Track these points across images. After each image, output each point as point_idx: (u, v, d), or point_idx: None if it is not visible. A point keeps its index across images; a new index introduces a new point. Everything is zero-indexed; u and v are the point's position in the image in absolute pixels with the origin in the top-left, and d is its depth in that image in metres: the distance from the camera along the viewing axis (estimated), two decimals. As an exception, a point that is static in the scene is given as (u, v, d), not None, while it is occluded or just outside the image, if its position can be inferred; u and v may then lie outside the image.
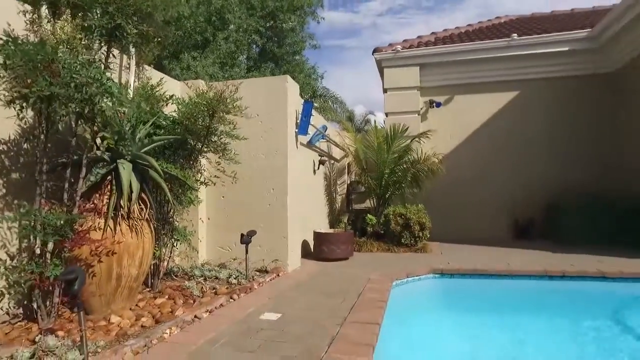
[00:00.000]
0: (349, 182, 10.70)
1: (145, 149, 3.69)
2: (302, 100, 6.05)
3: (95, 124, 3.34)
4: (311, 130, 6.63)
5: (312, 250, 6.76)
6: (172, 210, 4.40)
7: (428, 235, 7.38)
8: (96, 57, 3.36)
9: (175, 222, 4.58)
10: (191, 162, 4.55)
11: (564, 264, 5.73)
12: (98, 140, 3.53)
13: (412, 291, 5.09)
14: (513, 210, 8.99)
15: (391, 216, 7.41)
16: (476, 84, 9.39)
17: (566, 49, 8.79)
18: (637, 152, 7.82)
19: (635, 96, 7.81)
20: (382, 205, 8.30)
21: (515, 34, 8.94)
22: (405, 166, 8.22)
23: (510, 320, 4.31)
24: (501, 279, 5.43)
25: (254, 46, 14.53)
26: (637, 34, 7.53)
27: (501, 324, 4.17)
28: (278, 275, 5.28)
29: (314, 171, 7.64)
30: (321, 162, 7.85)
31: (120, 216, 3.43)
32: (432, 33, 10.75)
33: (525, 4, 42.02)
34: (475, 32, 10.75)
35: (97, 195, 3.43)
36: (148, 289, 4.26)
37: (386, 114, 9.47)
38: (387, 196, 8.36)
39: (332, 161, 9.52)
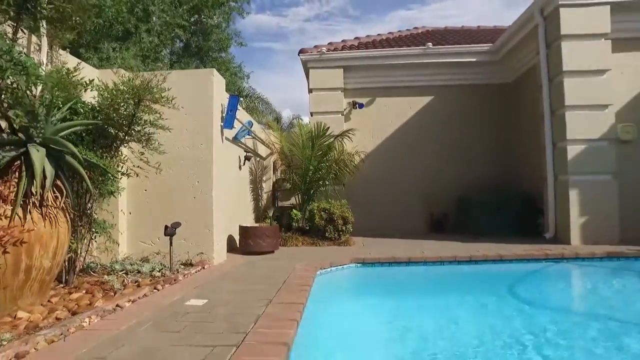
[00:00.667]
0: (274, 179, 10.82)
1: (62, 133, 3.51)
2: (228, 95, 6.07)
3: (3, 102, 3.12)
4: (237, 125, 6.66)
5: (238, 245, 6.77)
6: (91, 201, 4.21)
7: (351, 229, 7.74)
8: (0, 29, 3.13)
9: (94, 214, 4.38)
10: (112, 152, 4.39)
11: (472, 250, 6.35)
12: (4, 122, 3.30)
13: (335, 278, 5.34)
14: (429, 205, 9.72)
15: (315, 211, 7.65)
16: (396, 88, 10.02)
17: (473, 59, 9.72)
18: (526, 154, 8.85)
19: (526, 104, 8.85)
20: (307, 202, 8.53)
21: (430, 43, 9.71)
22: (328, 163, 8.52)
23: (424, 299, 4.72)
24: (417, 266, 5.89)
25: (178, 41, 14.10)
26: (526, 51, 8.57)
27: (415, 302, 4.54)
28: (203, 267, 5.24)
29: (240, 167, 7.66)
30: (247, 158, 7.89)
31: (31, 204, 3.23)
32: (356, 38, 11.27)
33: (442, 20, 45.30)
34: (395, 39, 11.45)
35: (2, 181, 3.20)
36: (62, 285, 4.03)
37: (311, 114, 9.74)
38: (311, 192, 8.60)
39: (258, 158, 9.58)
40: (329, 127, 8.60)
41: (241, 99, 12.27)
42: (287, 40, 46.08)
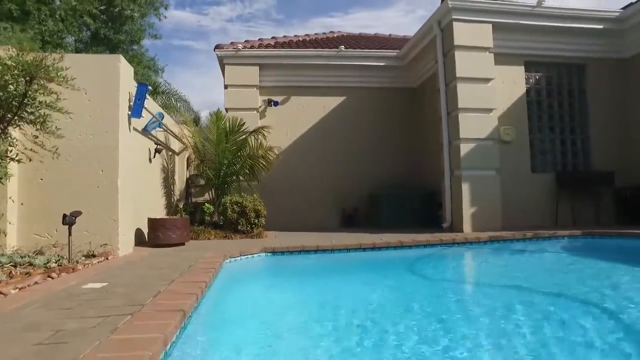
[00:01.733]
0: (188, 175, 10.62)
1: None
2: (136, 83, 5.93)
3: None
4: (147, 116, 6.51)
5: (147, 237, 6.59)
6: (-28, 185, 3.90)
7: (264, 222, 7.89)
8: None
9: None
10: (-1, 134, 4.09)
11: (376, 239, 6.82)
12: None
13: (244, 265, 5.46)
14: (341, 201, 10.19)
15: (228, 204, 7.69)
16: (310, 87, 10.39)
17: (382, 64, 10.42)
18: (429, 152, 9.68)
19: (428, 107, 9.68)
20: (221, 196, 8.51)
21: (343, 46, 10.22)
22: (243, 159, 8.60)
23: (327, 277, 5.06)
24: (324, 253, 6.20)
25: (86, 29, 13.22)
26: (428, 59, 9.40)
27: (319, 280, 4.83)
28: (107, 258, 5.06)
29: (150, 159, 7.46)
30: (157, 151, 7.70)
31: None
32: (273, 37, 11.47)
33: (361, 30, 47.20)
34: (311, 41, 11.85)
35: None
36: None
37: (226, 109, 9.74)
38: (225, 187, 8.61)
39: (171, 153, 9.36)
40: (244, 122, 8.69)
41: (148, 92, 11.90)
42: (208, 40, 44.96)
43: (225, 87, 9.98)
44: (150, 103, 7.18)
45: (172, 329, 2.21)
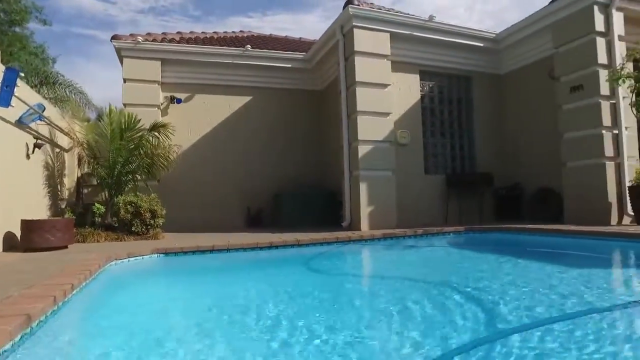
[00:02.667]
0: (80, 174, 9.78)
1: None
2: (4, 68, 5.32)
3: None
4: (20, 106, 5.87)
5: (20, 240, 5.94)
6: None
7: (161, 223, 7.53)
8: None
9: None
10: None
11: (276, 238, 6.84)
12: None
13: (130, 267, 5.15)
14: (246, 201, 10.09)
15: (121, 204, 7.23)
16: (215, 86, 10.17)
17: (288, 65, 10.53)
18: (333, 153, 9.94)
19: (332, 109, 9.96)
20: (115, 196, 7.96)
21: (249, 46, 10.16)
22: (141, 157, 8.14)
23: (221, 277, 4.98)
24: (220, 253, 6.09)
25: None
26: (332, 62, 9.69)
27: (211, 283, 4.68)
28: (-39, 265, 4.46)
29: (28, 155, 6.74)
30: (37, 146, 6.98)
31: None
32: (178, 32, 11.04)
33: (279, 32, 47.33)
34: (218, 39, 11.61)
35: None
36: None
37: (124, 105, 9.14)
38: (121, 187, 8.07)
39: (58, 150, 8.56)
40: (140, 119, 8.22)
41: (22, 79, 10.87)
42: (116, 31, 41.91)
43: (124, 81, 9.36)
44: (26, 92, 6.49)
45: (6, 336, 2.01)
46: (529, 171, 9.33)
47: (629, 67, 7.28)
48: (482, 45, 9.56)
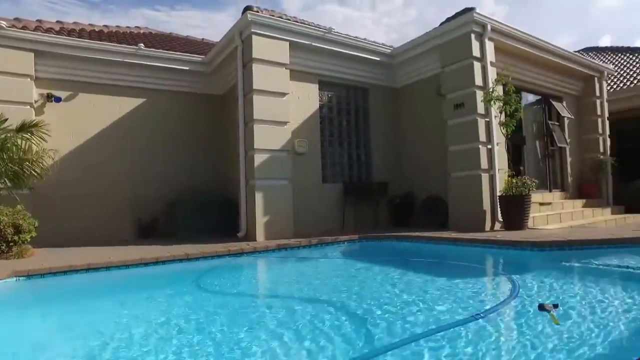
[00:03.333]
0: None
1: None
2: None
3: None
4: None
5: None
6: None
7: (29, 239, 6.67)
8: None
9: None
10: None
11: (167, 252, 6.43)
12: None
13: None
14: (137, 211, 9.40)
15: (-25, 218, 6.27)
16: (104, 85, 9.32)
17: (186, 68, 10.05)
18: (232, 161, 9.68)
19: (232, 116, 9.68)
20: (-29, 208, 6.90)
21: (142, 44, 9.49)
22: (3, 162, 7.15)
23: (90, 308, 4.42)
24: (98, 272, 5.56)
25: None
26: (231, 68, 9.41)
27: (78, 311, 4.21)
28: None
29: None
30: None
31: None
32: (58, 21, 9.97)
33: (187, 29, 45.18)
34: (109, 34, 10.72)
35: None
36: None
37: (-13, 101, 7.97)
38: (-21, 197, 7.02)
39: None
40: (7, 119, 7.24)
41: None
42: (-9, 11, 36.71)
43: (-16, 72, 8.15)
44: None
45: None
46: (420, 180, 9.95)
47: (499, 90, 8.10)
48: (378, 59, 10.00)
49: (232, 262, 6.58)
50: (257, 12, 8.28)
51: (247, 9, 8.18)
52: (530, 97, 11.10)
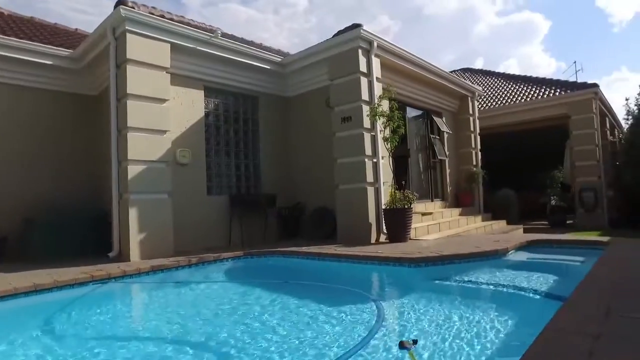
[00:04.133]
0: None
1: None
2: None
3: None
4: None
5: None
6: None
7: None
8: None
9: None
10: None
11: (4, 284, 5.37)
12: None
13: None
14: (-19, 229, 7.91)
15: None
16: None
17: (50, 63, 8.75)
18: (105, 171, 8.66)
19: (107, 120, 8.68)
20: None
21: (-9, 33, 8.05)
22: None
23: None
24: None
25: None
26: (106, 67, 8.38)
27: None
28: None
29: None
30: None
31: None
32: None
33: (74, 14, 40.37)
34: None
35: None
36: None
37: None
38: None
39: None
40: None
41: None
42: None
43: None
44: None
45: None
46: (311, 191, 9.91)
47: (385, 105, 8.37)
48: (268, 67, 9.76)
49: (97, 291, 5.69)
50: (133, 7, 7.48)
51: (120, 2, 7.34)
52: (415, 112, 11.77)
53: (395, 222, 8.07)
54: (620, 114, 20.13)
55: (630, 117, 15.74)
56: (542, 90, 15.67)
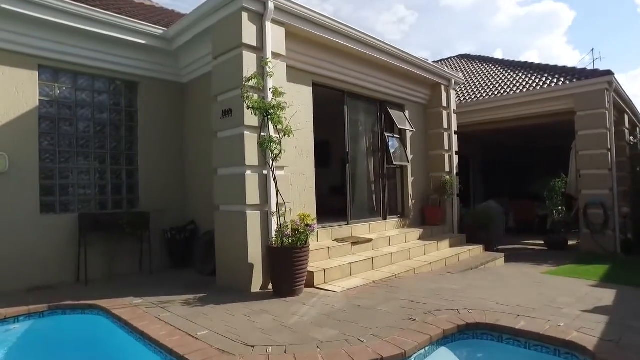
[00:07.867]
0: None
1: None
2: None
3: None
4: None
5: None
6: None
7: None
8: None
9: None
10: None
11: None
12: None
13: None
14: None
15: None
16: None
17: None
18: None
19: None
20: None
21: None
22: None
23: None
24: None
25: None
26: None
27: None
28: None
29: None
30: None
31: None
32: None
33: None
34: None
35: None
36: None
37: None
38: None
39: None
40: None
41: None
42: None
43: None
44: None
45: None
46: (204, 207, 7.38)
47: (269, 89, 5.78)
48: (144, 42, 7.26)
49: None
50: None
51: None
52: (364, 104, 9.08)
53: (279, 267, 5.52)
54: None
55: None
56: (544, 79, 12.61)
